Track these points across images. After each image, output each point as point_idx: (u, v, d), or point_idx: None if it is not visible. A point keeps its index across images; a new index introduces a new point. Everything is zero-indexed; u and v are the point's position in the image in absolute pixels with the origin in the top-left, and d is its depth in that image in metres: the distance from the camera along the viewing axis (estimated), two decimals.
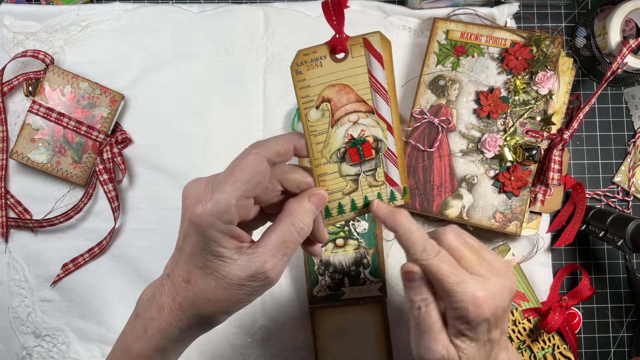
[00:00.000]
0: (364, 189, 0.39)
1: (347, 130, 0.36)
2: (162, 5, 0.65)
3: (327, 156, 0.37)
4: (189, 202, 0.34)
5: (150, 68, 0.64)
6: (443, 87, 0.61)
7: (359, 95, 0.35)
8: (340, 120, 0.36)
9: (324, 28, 0.68)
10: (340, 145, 0.37)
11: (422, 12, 0.64)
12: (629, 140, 0.66)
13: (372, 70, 0.35)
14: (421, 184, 0.60)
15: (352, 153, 0.37)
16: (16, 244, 0.63)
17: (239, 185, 0.32)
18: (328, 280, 0.58)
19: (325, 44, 0.34)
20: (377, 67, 0.35)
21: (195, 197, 0.33)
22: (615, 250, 0.65)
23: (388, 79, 0.35)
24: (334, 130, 0.36)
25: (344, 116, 0.36)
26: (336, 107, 0.35)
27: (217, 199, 0.32)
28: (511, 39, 0.60)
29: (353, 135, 0.36)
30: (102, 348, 0.63)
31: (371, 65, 0.35)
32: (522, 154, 0.58)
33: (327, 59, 0.34)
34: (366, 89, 0.35)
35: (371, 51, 0.34)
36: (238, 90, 0.64)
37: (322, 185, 0.37)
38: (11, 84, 0.62)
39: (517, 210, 0.59)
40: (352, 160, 0.37)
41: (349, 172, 0.38)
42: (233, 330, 0.62)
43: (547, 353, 0.60)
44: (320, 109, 0.35)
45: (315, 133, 0.36)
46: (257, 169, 0.33)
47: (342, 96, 0.35)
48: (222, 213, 0.32)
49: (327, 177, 0.37)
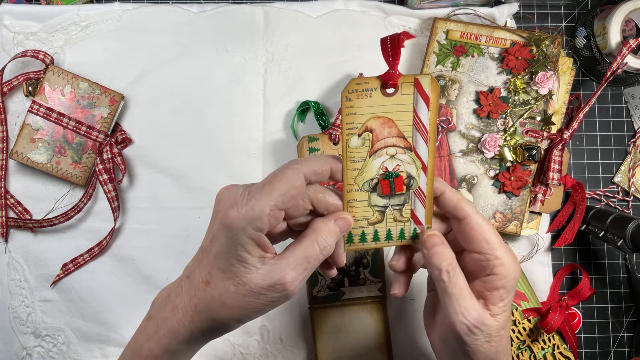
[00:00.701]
0: (389, 222, 0.40)
1: (383, 162, 0.37)
2: (162, 5, 0.65)
3: (360, 184, 0.38)
4: (223, 205, 0.35)
5: (150, 68, 0.64)
6: (443, 87, 0.61)
7: (400, 131, 0.37)
8: (379, 152, 0.37)
9: (324, 28, 0.69)
10: (374, 175, 0.38)
11: (422, 12, 0.64)
12: (629, 140, 0.66)
13: (417, 110, 0.36)
14: None
15: (384, 185, 0.38)
16: (16, 244, 0.63)
17: (274, 196, 0.34)
18: (328, 281, 0.58)
19: (378, 77, 0.35)
20: (423, 107, 0.36)
21: (230, 200, 0.35)
22: (615, 250, 0.65)
23: (431, 120, 0.36)
24: (371, 160, 0.37)
25: (383, 148, 0.37)
26: (377, 139, 0.37)
27: (252, 205, 0.34)
28: (511, 39, 0.60)
29: (388, 168, 0.38)
30: (102, 348, 0.63)
31: (417, 105, 0.36)
32: (522, 154, 0.58)
33: (377, 91, 0.35)
34: (408, 126, 0.36)
35: (420, 91, 0.35)
36: (238, 90, 0.64)
37: (350, 210, 0.39)
38: (11, 84, 0.62)
39: (517, 210, 0.59)
40: (382, 192, 0.38)
41: (378, 203, 0.39)
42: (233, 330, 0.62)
43: (547, 353, 0.60)
44: (362, 138, 0.36)
45: (353, 159, 0.37)
46: (294, 184, 0.35)
47: (385, 129, 0.36)
48: (254, 219, 0.34)
49: (356, 204, 0.38)
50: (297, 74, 0.64)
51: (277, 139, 0.64)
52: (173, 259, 0.63)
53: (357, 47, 0.64)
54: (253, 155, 0.64)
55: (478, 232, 0.39)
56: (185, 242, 0.63)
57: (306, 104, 0.62)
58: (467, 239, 0.40)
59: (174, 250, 0.63)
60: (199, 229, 0.63)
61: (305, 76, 0.64)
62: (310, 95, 0.64)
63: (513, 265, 0.39)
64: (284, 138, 0.64)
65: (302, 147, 0.60)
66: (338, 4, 0.64)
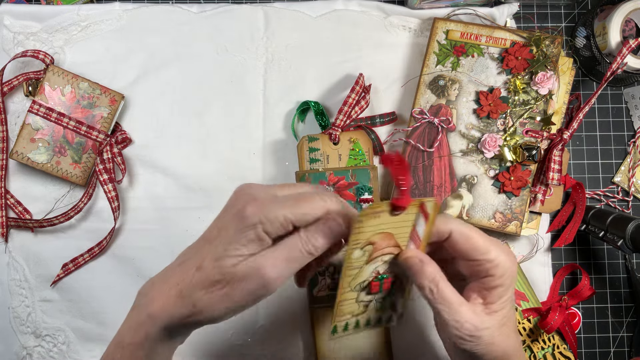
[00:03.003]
0: (371, 312, 0.43)
1: (377, 267, 0.40)
2: (162, 5, 0.65)
3: (352, 286, 0.40)
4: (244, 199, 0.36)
5: (150, 68, 0.64)
6: (443, 87, 0.61)
7: (397, 241, 0.39)
8: (375, 259, 0.40)
9: (324, 28, 0.69)
10: (366, 278, 0.40)
11: (422, 12, 0.64)
12: (628, 140, 0.66)
13: (417, 225, 0.39)
14: (421, 184, 0.60)
15: (374, 285, 0.41)
16: (16, 244, 0.63)
17: (295, 212, 0.35)
18: (328, 281, 0.58)
19: (390, 203, 0.36)
20: (422, 222, 0.39)
21: (252, 196, 0.36)
22: (615, 250, 0.65)
23: (427, 231, 0.39)
24: (367, 266, 0.40)
25: (379, 256, 0.40)
26: (376, 250, 0.39)
27: (272, 208, 0.35)
28: (511, 39, 0.60)
29: (380, 271, 0.41)
30: (102, 348, 0.63)
31: (417, 221, 0.39)
32: (522, 154, 0.58)
33: (385, 212, 0.37)
34: (405, 237, 0.39)
35: (423, 212, 0.38)
36: (238, 90, 0.64)
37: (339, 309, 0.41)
38: (11, 84, 0.62)
39: (517, 210, 0.59)
40: (371, 291, 0.41)
41: (365, 299, 0.42)
42: (233, 330, 0.62)
43: (547, 353, 0.60)
44: (363, 250, 0.39)
45: (351, 267, 0.39)
46: (315, 213, 0.36)
47: (384, 241, 0.39)
48: (268, 222, 0.35)
49: (345, 303, 0.41)
50: (297, 74, 0.64)
51: (277, 139, 0.64)
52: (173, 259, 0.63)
53: (357, 47, 0.64)
54: (253, 155, 0.64)
55: (464, 244, 0.39)
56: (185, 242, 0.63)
57: (306, 104, 0.62)
58: (456, 252, 0.40)
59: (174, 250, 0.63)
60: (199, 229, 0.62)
61: (305, 76, 0.64)
62: (310, 95, 0.64)
63: (507, 263, 0.39)
64: (284, 138, 0.64)
65: (302, 147, 0.60)
66: (338, 4, 0.64)
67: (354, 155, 0.60)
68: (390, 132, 0.64)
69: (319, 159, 0.60)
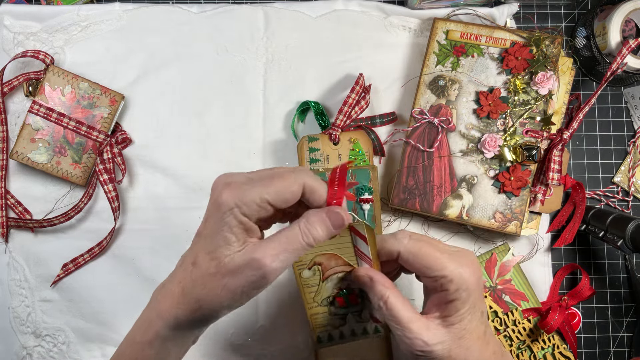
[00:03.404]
0: (352, 324, 0.44)
1: (337, 284, 0.42)
2: (162, 5, 0.65)
3: (319, 301, 0.43)
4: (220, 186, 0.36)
5: (150, 68, 0.64)
6: (443, 87, 0.61)
7: (346, 260, 0.41)
8: (331, 277, 0.42)
9: (324, 28, 0.69)
10: (329, 294, 0.43)
11: (422, 12, 0.64)
12: (628, 140, 0.66)
13: (357, 245, 0.41)
14: (421, 184, 0.60)
15: (340, 300, 0.43)
16: (16, 244, 0.63)
17: (269, 191, 0.35)
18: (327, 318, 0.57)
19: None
20: (362, 243, 0.40)
21: (226, 184, 0.36)
22: (615, 250, 0.65)
23: (372, 251, 0.40)
24: (325, 283, 0.42)
25: (333, 274, 0.42)
26: (326, 269, 0.42)
27: (245, 190, 0.35)
28: (511, 39, 0.60)
29: (342, 287, 0.42)
30: (102, 348, 0.63)
31: (357, 242, 0.40)
32: (522, 154, 0.58)
33: None
34: (352, 256, 0.41)
35: (357, 234, 0.40)
36: (238, 90, 0.64)
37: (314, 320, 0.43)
38: (11, 84, 0.62)
39: (517, 210, 0.59)
40: (340, 305, 0.43)
41: (338, 312, 0.44)
42: (233, 330, 0.62)
43: (547, 353, 0.60)
44: (312, 270, 0.42)
45: (308, 285, 0.42)
46: (291, 189, 0.36)
47: (332, 261, 0.41)
48: (243, 204, 0.35)
49: (319, 316, 0.43)
50: (297, 74, 0.64)
51: (277, 139, 0.64)
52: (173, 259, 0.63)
53: (357, 47, 0.64)
54: (253, 155, 0.64)
55: (414, 263, 0.40)
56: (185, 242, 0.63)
57: (306, 104, 0.62)
58: (410, 269, 0.41)
59: (174, 250, 0.63)
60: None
61: (305, 76, 0.64)
62: (310, 95, 0.64)
63: (464, 276, 0.38)
64: (284, 138, 0.64)
65: (302, 147, 0.60)
66: (338, 4, 0.64)
67: (354, 156, 0.60)
68: (390, 132, 0.64)
69: (319, 159, 0.60)
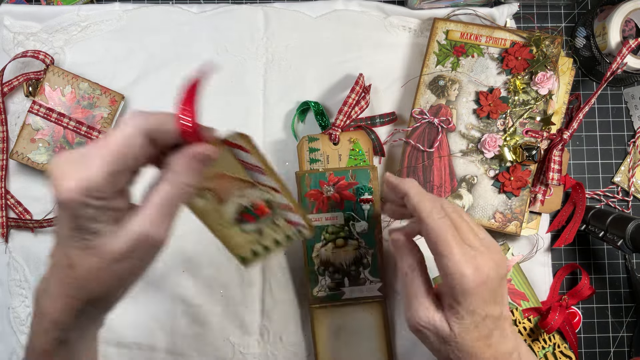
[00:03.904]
0: (271, 235, 0.42)
1: (238, 201, 0.40)
2: (162, 5, 0.65)
3: (224, 224, 0.40)
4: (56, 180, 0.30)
5: (150, 68, 0.64)
6: (443, 87, 0.61)
7: (237, 177, 0.38)
8: (228, 199, 0.39)
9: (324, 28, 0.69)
10: (234, 214, 0.40)
11: (422, 12, 0.64)
12: (628, 140, 0.66)
13: (241, 158, 0.37)
14: (421, 184, 0.60)
15: (248, 217, 0.41)
16: (16, 244, 0.63)
17: (109, 160, 0.30)
18: (328, 281, 0.58)
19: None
20: (243, 154, 0.37)
21: (62, 174, 0.30)
22: (615, 250, 0.65)
23: (258, 159, 0.37)
24: (224, 206, 0.39)
25: (229, 195, 0.39)
26: (220, 191, 0.39)
27: (84, 177, 0.29)
28: (511, 39, 0.60)
29: (244, 205, 0.40)
30: (102, 348, 0.63)
31: (239, 155, 0.37)
32: (522, 154, 0.58)
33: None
34: (241, 170, 0.38)
35: (233, 145, 0.36)
36: (238, 90, 0.64)
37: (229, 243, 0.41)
38: (11, 84, 0.62)
39: (517, 210, 0.59)
40: (250, 221, 0.41)
41: (252, 228, 0.41)
42: (233, 330, 0.62)
43: (548, 352, 0.60)
44: (204, 197, 0.38)
45: (208, 213, 0.39)
46: (130, 142, 0.30)
47: (222, 181, 0.38)
48: (92, 191, 0.29)
49: (233, 237, 0.41)
50: (297, 74, 0.64)
51: (277, 139, 0.64)
52: (172, 259, 0.63)
53: (357, 47, 0.64)
54: None
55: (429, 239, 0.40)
56: (185, 241, 0.63)
57: (306, 104, 0.62)
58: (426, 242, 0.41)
59: (173, 249, 0.63)
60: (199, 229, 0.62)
61: (305, 76, 0.64)
62: (310, 95, 0.64)
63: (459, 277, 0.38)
64: (284, 138, 0.64)
65: (302, 147, 0.60)
66: (338, 4, 0.64)
67: (354, 156, 0.60)
68: (390, 132, 0.64)
69: (319, 159, 0.60)
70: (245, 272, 0.62)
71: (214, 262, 0.62)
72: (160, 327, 0.62)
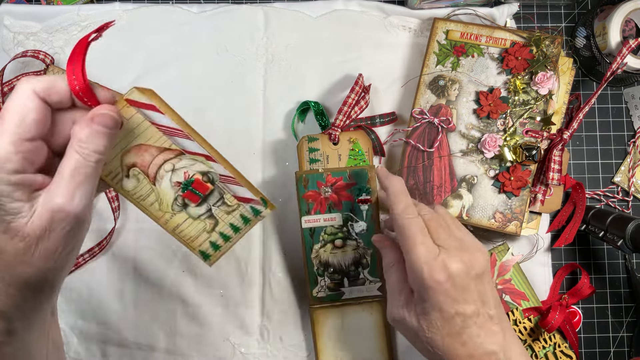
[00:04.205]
0: (224, 218, 0.38)
1: (171, 179, 0.36)
2: (162, 5, 0.65)
3: (169, 210, 0.36)
4: None
5: (150, 68, 0.64)
6: (443, 87, 0.61)
7: (160, 147, 0.35)
8: (158, 175, 0.35)
9: (324, 28, 0.69)
10: (173, 195, 0.36)
11: (422, 12, 0.64)
12: (628, 140, 0.66)
13: (155, 120, 0.34)
14: (421, 184, 0.60)
15: (189, 196, 0.37)
16: None
17: (12, 129, 0.29)
18: (327, 281, 0.58)
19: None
20: (156, 115, 0.34)
21: None
22: (615, 250, 0.65)
23: (174, 119, 0.34)
24: (158, 186, 0.36)
25: (159, 170, 0.35)
26: (145, 167, 0.35)
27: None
28: (511, 39, 0.60)
29: (179, 181, 0.36)
30: (102, 348, 0.63)
31: (150, 117, 0.34)
32: (522, 154, 0.58)
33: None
34: (162, 137, 0.35)
35: (140, 106, 0.33)
36: (238, 90, 0.64)
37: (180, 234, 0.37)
38: (11, 84, 0.62)
39: (517, 210, 0.59)
40: (194, 202, 0.37)
41: (200, 212, 0.37)
42: (233, 330, 0.62)
43: (549, 352, 0.60)
44: (132, 176, 0.35)
45: (142, 197, 0.35)
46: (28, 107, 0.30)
47: (144, 155, 0.35)
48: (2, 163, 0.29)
49: (183, 226, 0.37)
50: (297, 74, 0.64)
51: (277, 139, 0.64)
52: (173, 259, 0.63)
53: (357, 47, 0.64)
54: (253, 155, 0.64)
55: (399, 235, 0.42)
56: None
57: (306, 104, 0.62)
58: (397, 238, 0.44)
59: (174, 250, 0.63)
60: None
61: (305, 76, 0.64)
62: (310, 95, 0.64)
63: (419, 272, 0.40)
64: (284, 138, 0.64)
65: (302, 147, 0.60)
66: (338, 4, 0.64)
67: (354, 156, 0.60)
68: (390, 132, 0.64)
69: (319, 159, 0.60)
70: (245, 272, 0.62)
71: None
72: (160, 327, 0.62)
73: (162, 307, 0.62)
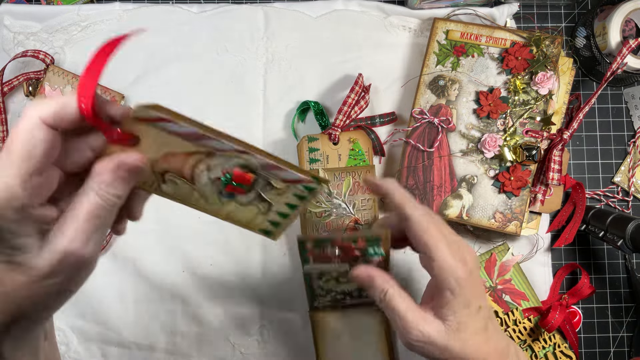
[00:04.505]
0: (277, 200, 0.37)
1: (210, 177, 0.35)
2: (162, 5, 0.65)
3: (216, 202, 0.36)
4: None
5: (150, 68, 0.64)
6: (443, 87, 0.61)
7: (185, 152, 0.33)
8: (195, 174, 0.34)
9: (324, 28, 0.69)
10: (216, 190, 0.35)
11: (422, 12, 0.64)
12: (628, 140, 0.66)
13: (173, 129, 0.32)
14: (421, 184, 0.60)
15: (234, 190, 0.36)
16: None
17: (19, 164, 0.27)
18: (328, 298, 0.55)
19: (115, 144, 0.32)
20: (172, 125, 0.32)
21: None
22: (615, 250, 0.65)
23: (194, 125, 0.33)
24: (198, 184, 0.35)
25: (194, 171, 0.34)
26: (178, 170, 0.34)
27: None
28: (511, 39, 0.60)
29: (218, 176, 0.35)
30: (102, 348, 0.63)
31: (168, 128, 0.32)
32: (522, 154, 0.58)
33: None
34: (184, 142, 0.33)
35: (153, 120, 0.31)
36: (238, 90, 0.64)
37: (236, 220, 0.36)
38: (11, 84, 0.62)
39: (517, 210, 0.59)
40: (242, 194, 0.36)
41: (249, 198, 0.36)
42: (233, 330, 0.62)
43: (548, 352, 0.60)
44: (168, 181, 0.34)
45: (185, 197, 0.35)
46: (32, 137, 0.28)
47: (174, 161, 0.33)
48: (9, 201, 0.27)
49: (236, 212, 0.36)
50: (297, 74, 0.64)
51: (277, 139, 0.64)
52: (173, 259, 0.63)
53: (357, 47, 0.64)
54: None
55: (417, 233, 0.40)
56: (186, 241, 0.63)
57: (306, 104, 0.62)
58: (411, 239, 0.41)
59: (174, 250, 0.63)
60: (199, 229, 0.63)
61: (305, 76, 0.64)
62: (310, 95, 0.64)
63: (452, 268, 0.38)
64: (284, 138, 0.64)
65: (302, 147, 0.60)
66: (338, 4, 0.64)
67: (354, 155, 0.60)
68: (390, 132, 0.64)
69: (319, 159, 0.60)
70: (245, 272, 0.62)
71: (214, 262, 0.62)
72: (160, 327, 0.62)
73: (162, 307, 0.62)
